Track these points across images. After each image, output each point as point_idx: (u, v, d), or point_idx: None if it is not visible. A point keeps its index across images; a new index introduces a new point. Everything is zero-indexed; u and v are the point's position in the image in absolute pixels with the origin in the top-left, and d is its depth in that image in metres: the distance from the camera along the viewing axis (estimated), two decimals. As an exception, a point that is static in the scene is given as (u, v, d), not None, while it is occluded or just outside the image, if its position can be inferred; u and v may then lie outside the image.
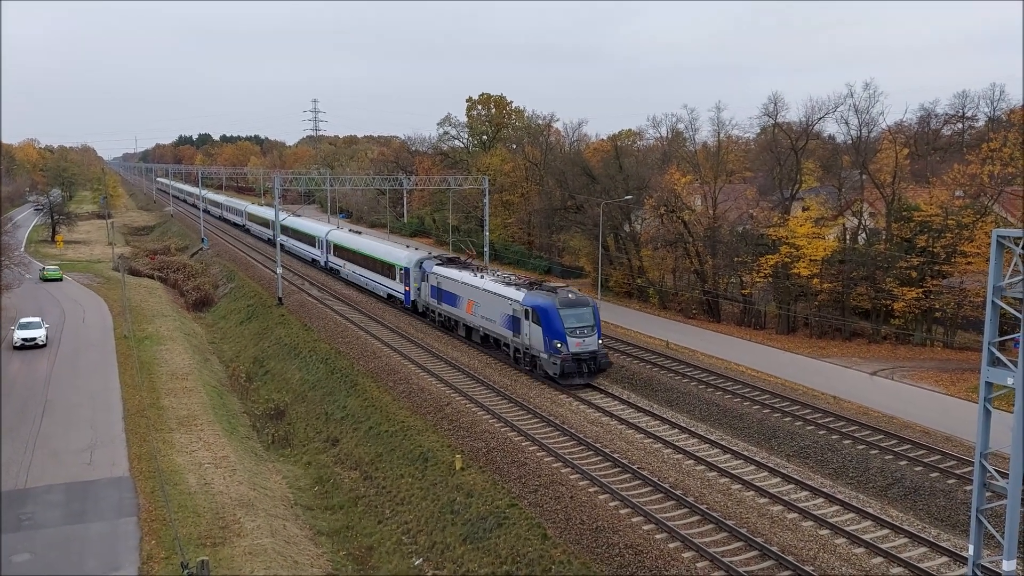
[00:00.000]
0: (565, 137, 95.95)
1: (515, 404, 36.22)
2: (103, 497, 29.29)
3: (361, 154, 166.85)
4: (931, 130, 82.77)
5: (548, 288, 40.40)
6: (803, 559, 22.04)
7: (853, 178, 58.39)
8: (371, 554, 28.45)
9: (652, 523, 24.43)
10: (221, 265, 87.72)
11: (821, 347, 49.14)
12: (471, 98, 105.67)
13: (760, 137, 69.77)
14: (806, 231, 52.25)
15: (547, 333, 37.72)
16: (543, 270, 76.48)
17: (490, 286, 43.72)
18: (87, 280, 76.90)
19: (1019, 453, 14.21)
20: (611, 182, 67.23)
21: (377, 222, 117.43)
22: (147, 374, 45.53)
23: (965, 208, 49.33)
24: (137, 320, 59.27)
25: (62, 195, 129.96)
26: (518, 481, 28.48)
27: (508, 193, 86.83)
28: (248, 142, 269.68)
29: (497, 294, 42.51)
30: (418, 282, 53.60)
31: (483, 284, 44.39)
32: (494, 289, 43.12)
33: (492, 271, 48.94)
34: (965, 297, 46.89)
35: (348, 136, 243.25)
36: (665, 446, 30.61)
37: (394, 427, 36.12)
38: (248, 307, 66.49)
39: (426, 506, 29.52)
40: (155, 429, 36.42)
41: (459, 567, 25.70)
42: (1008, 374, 14.25)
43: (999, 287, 14.53)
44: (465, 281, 46.59)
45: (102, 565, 24.54)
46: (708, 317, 58.42)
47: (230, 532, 27.15)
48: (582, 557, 23.48)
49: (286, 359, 51.27)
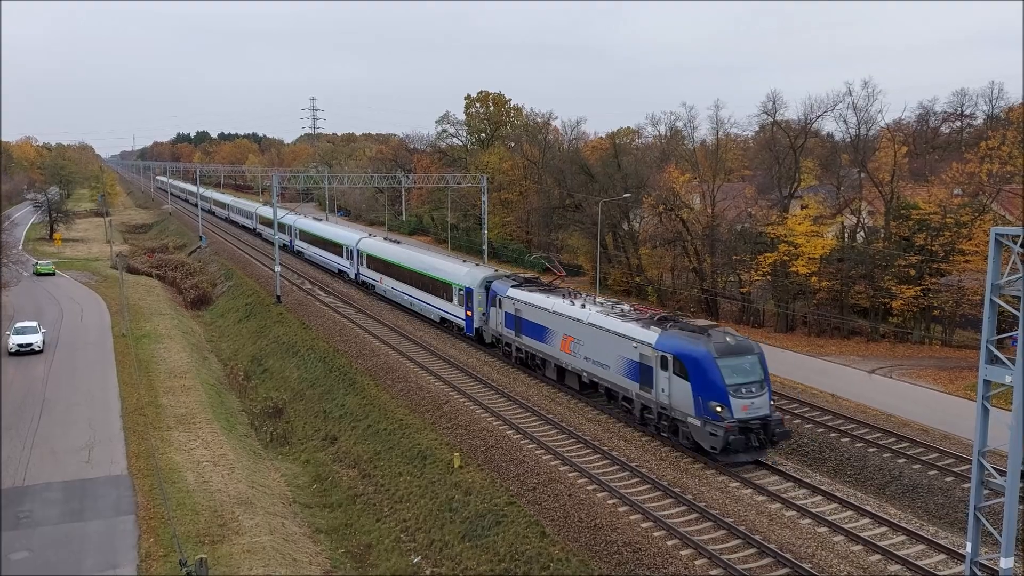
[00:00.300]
0: (564, 135, 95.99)
1: (514, 403, 36.20)
2: (101, 495, 29.30)
3: (359, 152, 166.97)
4: (930, 128, 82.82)
5: (690, 327, 30.45)
6: (801, 556, 22.06)
7: (852, 176, 58.40)
8: (369, 552, 28.45)
9: (650, 521, 24.46)
10: (219, 263, 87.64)
11: (819, 345, 49.16)
12: (469, 96, 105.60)
13: (759, 135, 69.73)
14: (805, 229, 52.23)
15: (699, 391, 28.01)
16: (541, 269, 76.46)
17: (601, 320, 33.95)
18: (85, 278, 76.81)
19: (1017, 451, 14.24)
20: (610, 180, 67.18)
21: (376, 220, 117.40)
22: (145, 372, 45.51)
23: (963, 206, 49.34)
24: (135, 318, 59.22)
25: (60, 193, 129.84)
26: (516, 479, 28.49)
27: (506, 191, 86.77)
28: (246, 140, 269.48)
29: (613, 331, 32.75)
30: (484, 306, 44.68)
31: (588, 316, 34.77)
32: (607, 325, 33.30)
33: (588, 296, 39.02)
34: (963, 295, 46.89)
35: (346, 134, 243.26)
36: (663, 444, 30.61)
37: (392, 425, 36.13)
38: (246, 305, 66.44)
39: (424, 504, 29.53)
40: (153, 427, 36.41)
41: (457, 565, 25.71)
42: (1006, 372, 14.28)
43: (997, 285, 14.56)
44: (559, 311, 36.95)
45: (100, 563, 24.55)
46: (706, 315, 58.39)
47: (228, 530, 27.15)
48: (580, 555, 23.50)
49: (284, 357, 51.25)
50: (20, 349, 48.36)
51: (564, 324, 36.37)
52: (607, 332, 33.09)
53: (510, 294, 41.68)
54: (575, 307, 36.30)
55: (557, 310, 37.16)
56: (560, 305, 37.28)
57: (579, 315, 35.45)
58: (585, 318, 34.94)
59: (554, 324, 37.29)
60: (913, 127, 78.97)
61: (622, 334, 32.09)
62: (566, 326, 36.21)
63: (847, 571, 21.31)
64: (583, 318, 35.07)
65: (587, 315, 34.95)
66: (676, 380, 28.96)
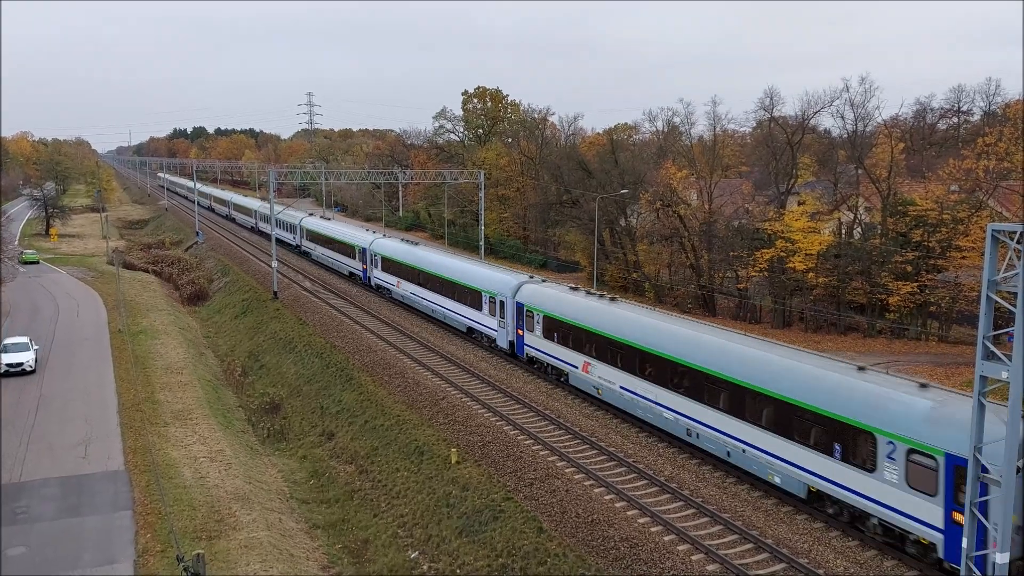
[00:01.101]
0: (561, 131, 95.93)
1: (510, 398, 36.21)
2: (98, 491, 29.28)
3: (356, 148, 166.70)
4: (927, 125, 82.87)
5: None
6: (797, 552, 22.11)
7: (849, 173, 58.46)
8: (367, 547, 28.47)
9: (647, 516, 24.49)
10: (216, 259, 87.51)
11: (816, 341, 49.20)
12: (467, 92, 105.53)
13: (756, 131, 69.81)
14: (802, 225, 52.26)
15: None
16: (539, 265, 76.49)
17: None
18: (81, 274, 76.71)
19: (1013, 446, 14.27)
20: (607, 176, 67.16)
21: (372, 216, 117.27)
22: (142, 368, 45.45)
23: (960, 203, 49.40)
24: (132, 314, 59.11)
25: (56, 189, 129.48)
26: (514, 475, 28.51)
27: (504, 187, 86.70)
28: (243, 136, 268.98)
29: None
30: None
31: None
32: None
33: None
34: (960, 291, 47.00)
35: (343, 130, 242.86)
36: (659, 440, 30.64)
37: (390, 421, 36.13)
38: (243, 301, 66.36)
39: (422, 499, 29.55)
40: (150, 423, 36.38)
41: (455, 560, 25.74)
42: (1003, 368, 14.31)
43: (994, 281, 14.58)
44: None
45: (98, 559, 24.54)
46: (703, 312, 58.44)
47: (226, 526, 27.16)
48: (577, 550, 23.53)
49: (281, 353, 51.20)
50: (9, 370, 42.91)
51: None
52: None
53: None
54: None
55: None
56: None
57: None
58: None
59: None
60: (910, 123, 79.03)
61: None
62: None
63: (843, 566, 21.36)
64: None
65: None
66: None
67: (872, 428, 21.31)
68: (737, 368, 26.26)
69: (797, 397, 23.77)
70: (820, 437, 22.98)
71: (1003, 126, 56.91)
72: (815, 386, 23.55)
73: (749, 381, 25.54)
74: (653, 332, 30.92)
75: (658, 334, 30.61)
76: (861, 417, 21.67)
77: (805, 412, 23.38)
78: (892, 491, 20.86)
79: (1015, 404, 14.02)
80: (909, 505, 20.45)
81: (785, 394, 24.15)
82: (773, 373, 25.06)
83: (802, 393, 23.68)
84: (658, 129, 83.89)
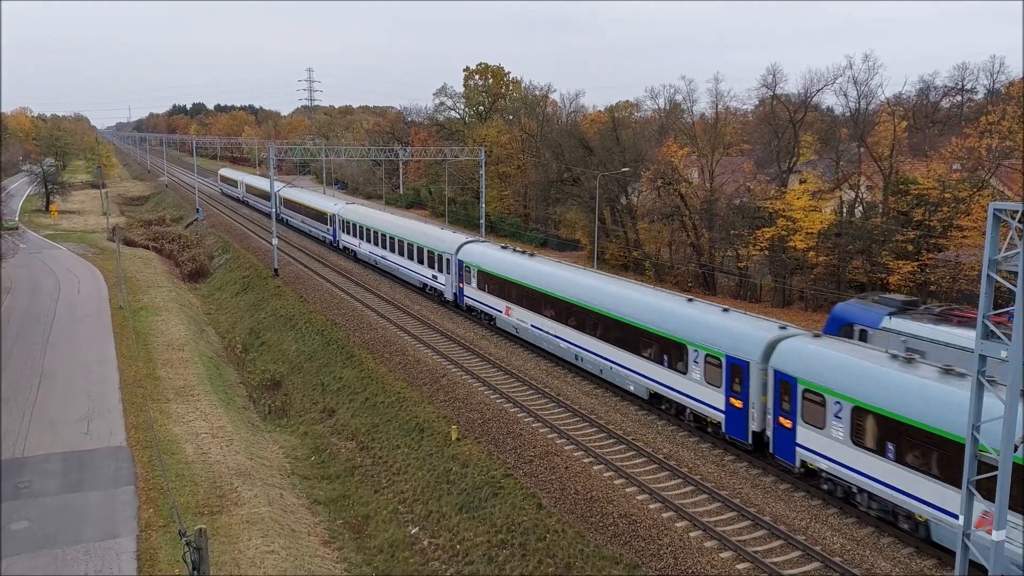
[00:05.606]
0: (562, 108, 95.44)
1: (511, 376, 36.33)
2: (100, 466, 29.46)
3: (356, 125, 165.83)
4: (930, 103, 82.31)
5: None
6: (795, 529, 22.29)
7: (851, 151, 58.20)
8: (367, 523, 28.70)
9: (646, 493, 24.65)
10: (216, 236, 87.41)
11: (816, 320, 49.19)
12: (468, 68, 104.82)
13: (758, 109, 69.34)
14: (803, 204, 52.12)
15: None
16: (539, 243, 76.36)
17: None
18: (82, 250, 76.69)
19: (1011, 425, 14.32)
20: (608, 154, 66.90)
21: (373, 193, 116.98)
22: (143, 345, 45.56)
23: (962, 182, 49.20)
24: (132, 291, 59.16)
25: (55, 165, 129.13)
26: (513, 452, 28.67)
27: (504, 165, 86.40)
28: (243, 112, 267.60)
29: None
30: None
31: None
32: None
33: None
34: (961, 271, 46.93)
35: (343, 107, 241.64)
36: (659, 418, 30.77)
37: (390, 398, 36.26)
38: (244, 278, 66.37)
39: (422, 476, 29.73)
40: (152, 399, 36.53)
41: (454, 536, 25.95)
42: (1002, 347, 14.31)
43: (995, 261, 14.53)
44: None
45: (100, 533, 24.74)
46: (704, 290, 58.46)
47: (227, 501, 27.36)
48: (576, 526, 23.72)
49: (282, 330, 51.29)
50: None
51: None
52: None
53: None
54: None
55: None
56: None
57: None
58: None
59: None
60: (913, 101, 78.53)
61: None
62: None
63: (839, 543, 21.54)
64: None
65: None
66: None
67: (684, 340, 28.19)
68: (609, 303, 32.75)
69: (642, 322, 30.45)
70: (655, 351, 29.78)
71: (1006, 104, 56.53)
72: (654, 313, 30.26)
73: (614, 312, 32.14)
74: (552, 279, 37.24)
75: (556, 280, 36.95)
76: (680, 333, 28.48)
77: (648, 333, 30.14)
78: (697, 386, 27.79)
79: (1015, 383, 14.04)
80: (707, 396, 27.41)
81: (635, 320, 30.86)
82: (631, 305, 31.67)
83: (646, 318, 30.36)
84: (660, 107, 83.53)
